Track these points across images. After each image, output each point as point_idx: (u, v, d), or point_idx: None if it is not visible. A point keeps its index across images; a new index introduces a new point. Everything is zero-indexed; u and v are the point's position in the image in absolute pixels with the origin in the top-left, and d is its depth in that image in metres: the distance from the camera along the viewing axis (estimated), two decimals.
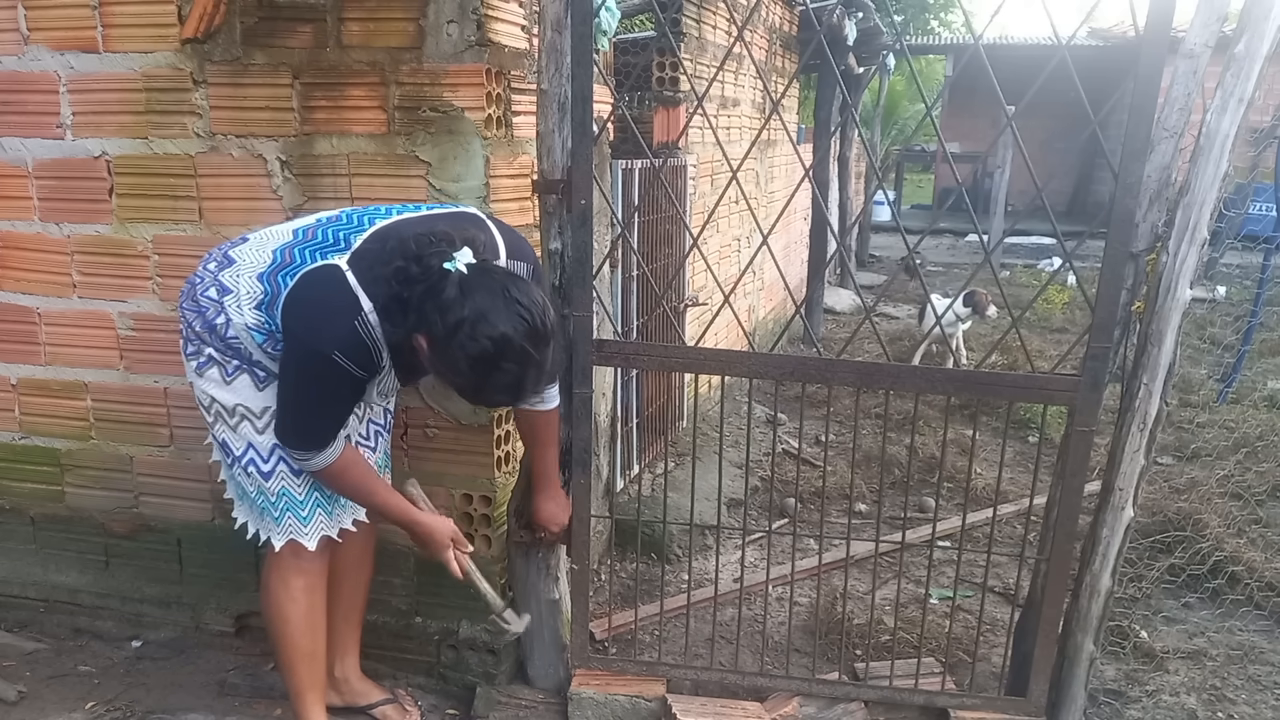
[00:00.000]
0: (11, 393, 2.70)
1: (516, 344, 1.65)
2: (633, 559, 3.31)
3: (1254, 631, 2.98)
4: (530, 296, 1.69)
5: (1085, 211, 16.59)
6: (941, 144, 2.53)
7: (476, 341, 1.63)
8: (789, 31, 6.28)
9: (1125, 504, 2.17)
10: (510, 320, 1.64)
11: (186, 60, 2.30)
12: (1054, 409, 2.90)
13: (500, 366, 1.66)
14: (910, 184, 20.19)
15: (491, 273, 1.71)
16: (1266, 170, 5.44)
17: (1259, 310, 5.30)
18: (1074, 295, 8.12)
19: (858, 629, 2.84)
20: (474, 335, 1.63)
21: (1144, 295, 2.09)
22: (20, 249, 2.58)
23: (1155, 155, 2.00)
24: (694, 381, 2.56)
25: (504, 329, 1.64)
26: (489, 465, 2.38)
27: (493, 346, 1.64)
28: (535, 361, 1.69)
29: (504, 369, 1.67)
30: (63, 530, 2.77)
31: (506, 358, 1.65)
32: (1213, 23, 1.93)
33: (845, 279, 9.31)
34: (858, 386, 2.38)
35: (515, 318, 1.65)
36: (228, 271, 1.90)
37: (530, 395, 1.80)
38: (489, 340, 1.63)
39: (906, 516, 2.80)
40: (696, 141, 4.32)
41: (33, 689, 2.48)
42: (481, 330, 1.63)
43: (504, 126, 2.26)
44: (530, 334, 1.66)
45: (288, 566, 2.04)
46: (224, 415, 1.95)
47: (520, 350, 1.65)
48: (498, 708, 2.44)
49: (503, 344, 1.64)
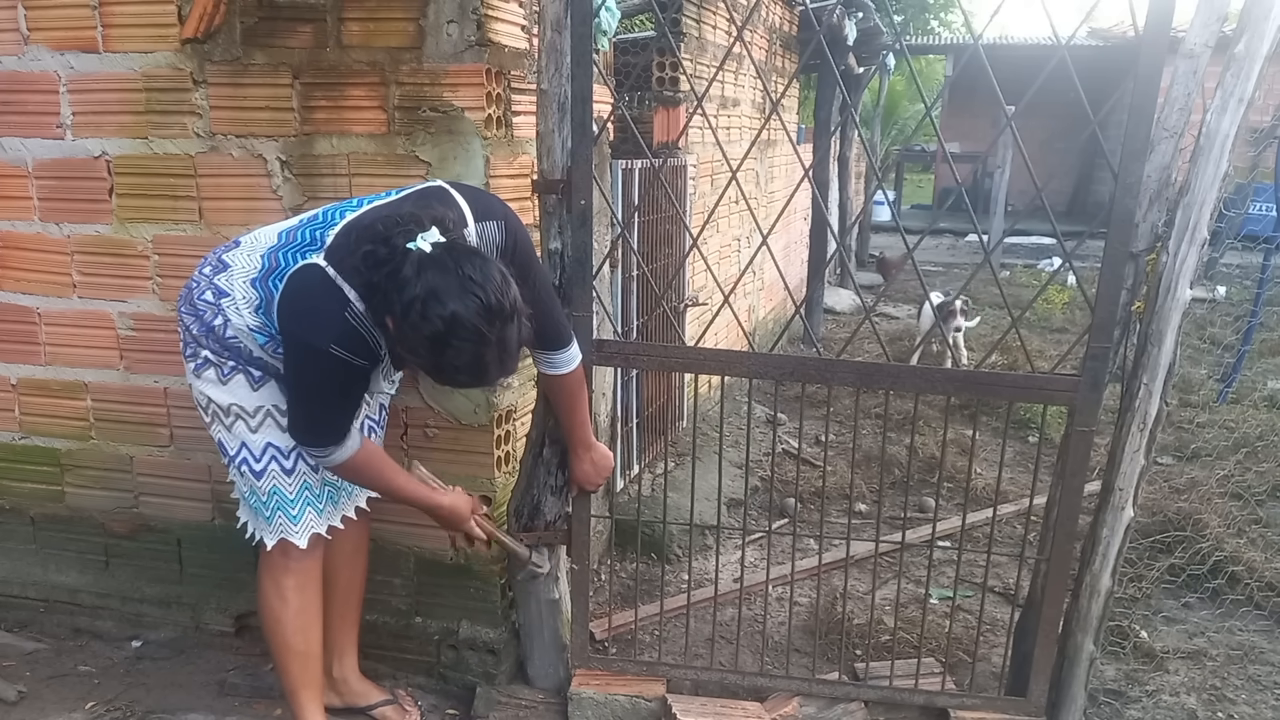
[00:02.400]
0: (11, 393, 2.70)
1: (468, 322, 1.61)
2: (633, 559, 3.31)
3: (1254, 631, 2.98)
4: (486, 273, 1.64)
5: (1085, 211, 16.59)
6: (941, 144, 2.53)
7: (428, 320, 1.61)
8: (789, 31, 6.28)
9: (1125, 504, 2.17)
10: (461, 298, 1.60)
11: (186, 60, 2.30)
12: (1054, 409, 2.90)
13: (452, 344, 1.62)
14: (910, 184, 20.18)
15: (452, 251, 1.67)
16: (1266, 170, 5.44)
17: (1259, 310, 5.30)
18: (1074, 295, 8.12)
19: (858, 629, 2.84)
20: (425, 314, 1.61)
21: (1144, 295, 2.09)
22: (20, 249, 2.58)
23: (1155, 155, 2.00)
24: (694, 381, 2.56)
25: (454, 307, 1.60)
26: (489, 465, 2.38)
27: (443, 325, 1.60)
28: (490, 340, 1.64)
29: (456, 347, 1.63)
30: (63, 530, 2.77)
31: (458, 336, 1.61)
32: (1213, 23, 1.93)
33: (845, 279, 9.31)
34: (858, 386, 2.38)
35: (468, 296, 1.61)
36: (222, 276, 1.92)
37: (497, 374, 1.73)
38: (439, 319, 1.60)
39: (906, 516, 2.80)
40: (696, 141, 4.32)
41: (33, 689, 2.48)
42: (432, 309, 1.60)
43: (504, 126, 2.26)
44: (483, 311, 1.62)
45: (278, 566, 2.05)
46: (220, 415, 1.97)
47: (473, 328, 1.61)
48: (498, 708, 2.44)
49: (453, 322, 1.60)
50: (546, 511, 2.34)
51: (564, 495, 2.35)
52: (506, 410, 2.40)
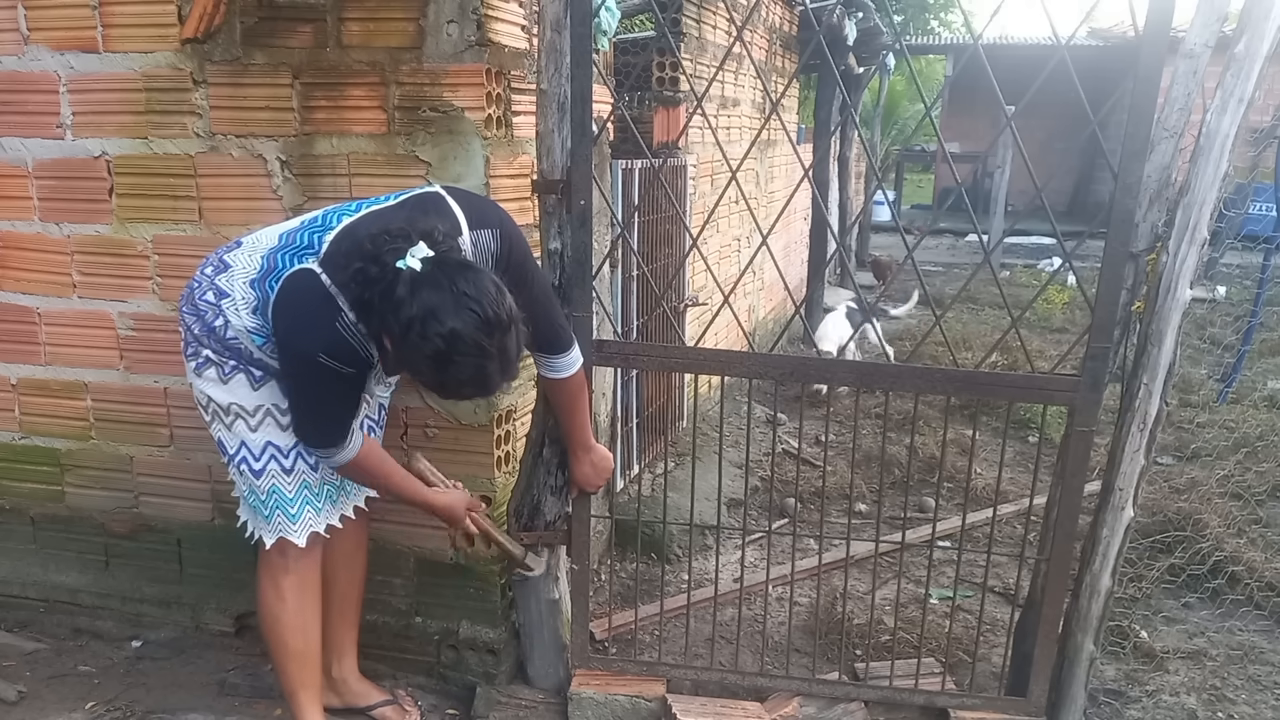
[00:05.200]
0: (11, 393, 2.70)
1: (468, 337, 1.63)
2: (633, 559, 3.31)
3: (1254, 631, 2.98)
4: (479, 286, 1.66)
5: (1085, 211, 16.58)
6: (941, 144, 2.53)
7: (428, 340, 1.63)
8: (789, 31, 6.28)
9: (1125, 504, 2.17)
10: (458, 315, 1.62)
11: (186, 60, 2.30)
12: (1054, 409, 2.90)
13: (455, 361, 1.65)
14: (910, 184, 20.18)
15: (443, 266, 1.68)
16: (1266, 170, 5.43)
17: (1259, 310, 5.30)
18: (1074, 295, 8.11)
19: (858, 629, 2.84)
20: (424, 334, 1.63)
21: (1144, 295, 2.09)
22: (20, 249, 2.58)
23: (1155, 155, 2.00)
24: (694, 381, 2.56)
25: (452, 324, 1.62)
26: (489, 465, 2.38)
27: (444, 343, 1.62)
28: (492, 352, 1.66)
29: (459, 363, 1.65)
30: (63, 530, 2.77)
31: (459, 351, 1.64)
32: (1213, 23, 1.93)
33: (845, 279, 9.31)
34: (857, 386, 2.38)
35: (465, 311, 1.63)
36: (223, 276, 1.92)
37: (500, 383, 1.76)
38: (439, 338, 1.62)
39: (906, 516, 2.80)
40: (696, 141, 4.32)
41: (33, 689, 2.48)
42: (431, 328, 1.62)
43: (504, 126, 2.26)
44: (481, 325, 1.64)
45: (277, 566, 2.06)
46: (220, 414, 1.97)
47: (473, 343, 1.63)
48: (498, 708, 2.44)
49: (453, 339, 1.62)
50: (546, 511, 2.35)
51: (564, 495, 2.35)
52: (506, 410, 2.41)
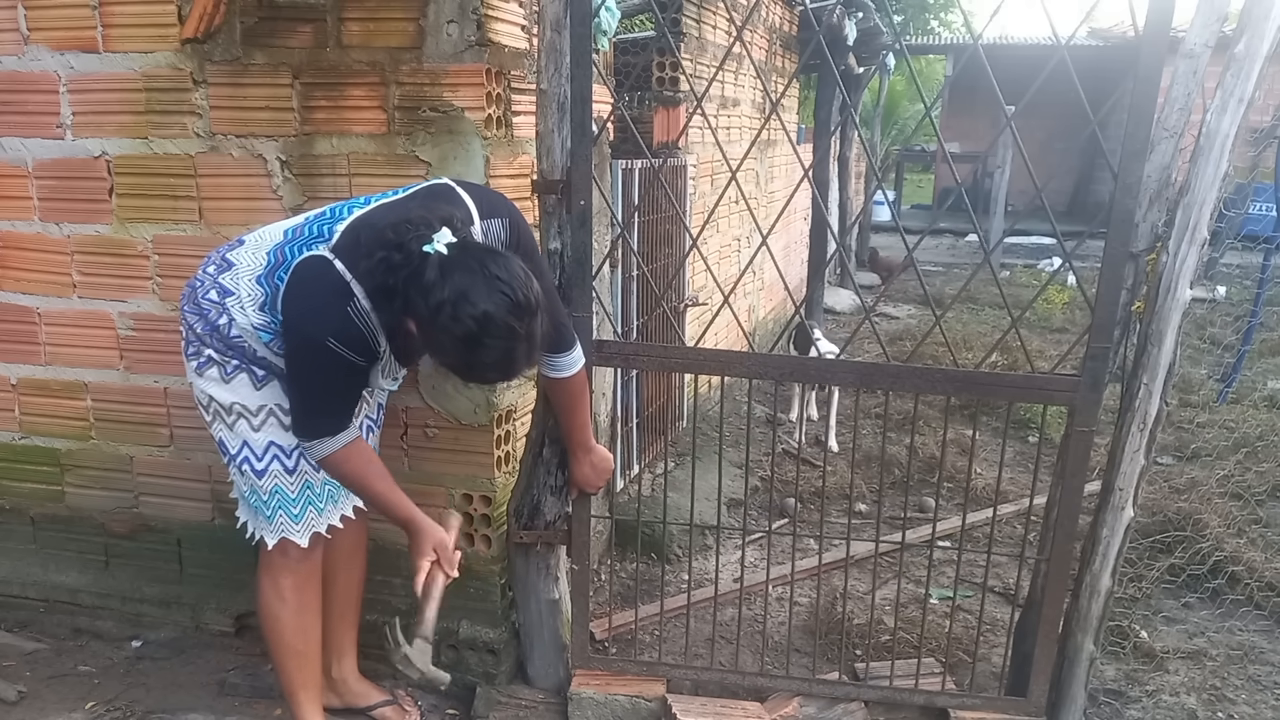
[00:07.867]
0: (11, 393, 2.70)
1: (500, 320, 1.64)
2: (633, 559, 3.31)
3: (1254, 631, 2.98)
4: (510, 270, 1.68)
5: (1085, 211, 16.58)
6: (941, 144, 2.53)
7: (460, 322, 1.63)
8: (789, 31, 6.28)
9: (1125, 504, 2.17)
10: (491, 297, 1.64)
11: (186, 60, 2.30)
12: (1054, 409, 2.90)
13: (485, 343, 1.66)
14: (910, 184, 20.18)
15: (470, 250, 1.70)
16: (1266, 170, 5.44)
17: (1259, 310, 5.30)
18: (1074, 295, 8.11)
19: (858, 629, 2.84)
20: (456, 315, 1.63)
21: (1144, 295, 2.09)
22: (20, 249, 2.58)
23: (1155, 155, 2.00)
24: (694, 381, 2.56)
25: (485, 306, 1.63)
26: (489, 465, 2.38)
27: (475, 325, 1.63)
28: (521, 335, 1.68)
29: (489, 345, 1.66)
30: (63, 530, 2.77)
31: (490, 334, 1.65)
32: (1213, 23, 1.93)
33: (845, 279, 9.31)
34: (858, 386, 2.38)
35: (496, 294, 1.64)
36: (227, 274, 1.91)
37: (523, 369, 1.78)
38: (471, 320, 1.63)
39: (906, 516, 2.80)
40: (696, 141, 4.32)
41: (33, 689, 2.48)
42: (463, 310, 1.63)
43: (504, 126, 2.26)
44: (513, 308, 1.65)
45: (277, 566, 2.05)
46: (221, 414, 1.96)
47: (504, 325, 1.65)
48: (498, 708, 2.44)
49: (485, 321, 1.63)
50: (546, 511, 2.34)
51: (564, 495, 2.35)
52: (506, 410, 2.40)
